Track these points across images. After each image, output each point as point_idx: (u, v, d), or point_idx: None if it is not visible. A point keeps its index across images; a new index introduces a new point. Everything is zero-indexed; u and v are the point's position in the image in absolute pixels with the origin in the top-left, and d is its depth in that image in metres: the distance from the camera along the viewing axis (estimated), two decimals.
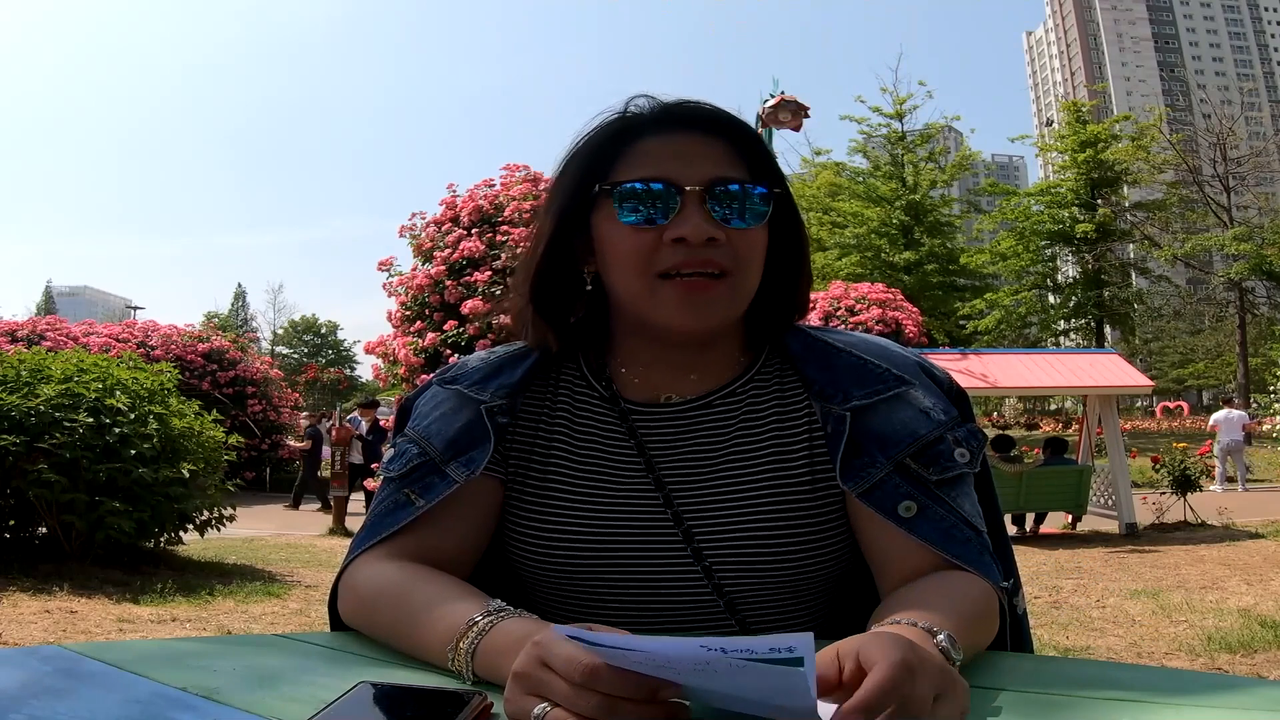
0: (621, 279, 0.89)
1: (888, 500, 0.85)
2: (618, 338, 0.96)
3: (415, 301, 9.10)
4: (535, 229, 0.96)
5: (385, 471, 0.93)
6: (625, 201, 0.87)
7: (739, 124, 0.92)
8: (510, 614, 0.73)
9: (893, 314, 14.99)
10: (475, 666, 0.70)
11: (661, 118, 0.91)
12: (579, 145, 0.93)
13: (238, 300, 68.38)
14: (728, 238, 0.86)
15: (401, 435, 0.96)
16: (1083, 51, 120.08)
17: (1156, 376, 35.42)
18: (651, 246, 0.86)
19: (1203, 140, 33.36)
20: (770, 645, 0.51)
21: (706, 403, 0.94)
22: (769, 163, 0.92)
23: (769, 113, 9.96)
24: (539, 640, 0.60)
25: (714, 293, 0.86)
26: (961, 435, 0.90)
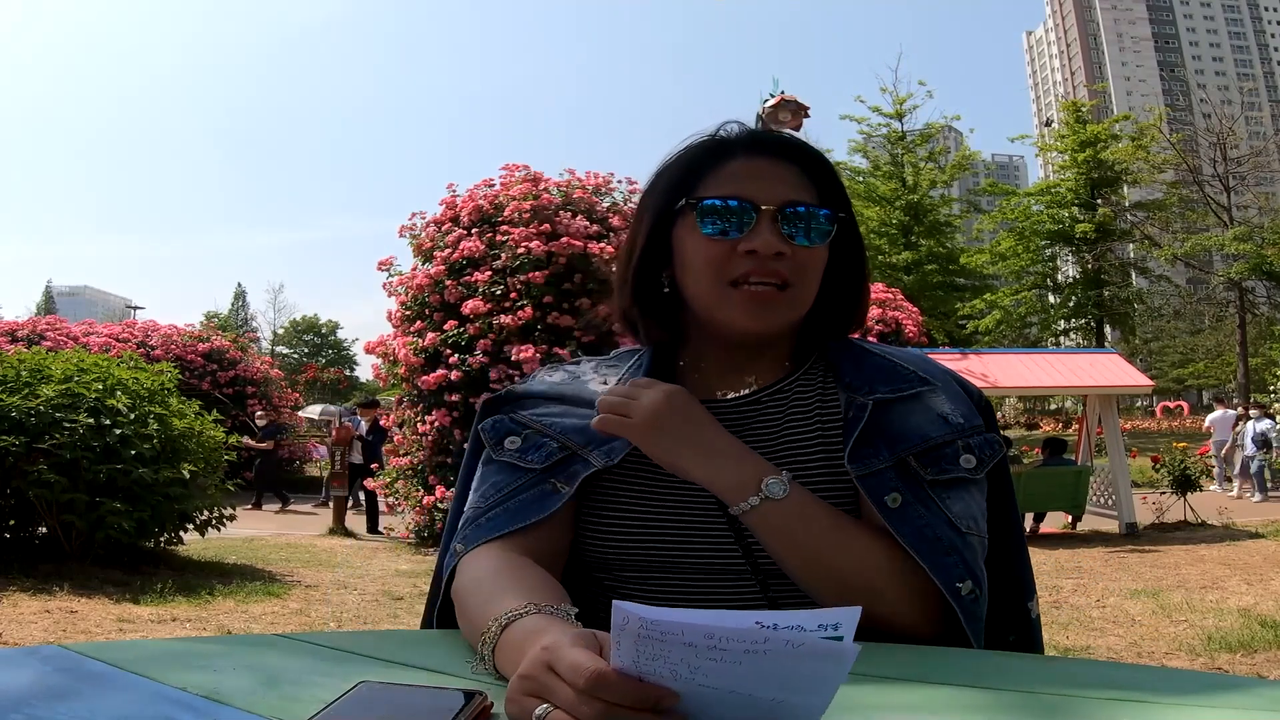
0: (697, 284, 0.98)
1: (880, 489, 0.91)
2: (689, 337, 1.05)
3: (415, 301, 9.10)
4: (630, 236, 1.06)
5: (521, 461, 0.98)
6: (707, 215, 0.97)
7: (814, 153, 1.03)
8: (534, 611, 0.75)
9: (893, 314, 14.99)
10: (495, 661, 0.73)
11: (747, 142, 1.02)
12: (671, 160, 1.04)
13: (238, 300, 68.39)
14: (793, 253, 0.96)
15: (524, 426, 1.01)
16: (1083, 51, 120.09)
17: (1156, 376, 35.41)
18: (726, 256, 0.96)
19: (1203, 140, 33.34)
20: (819, 620, 0.54)
21: (756, 400, 1.02)
22: (838, 189, 1.02)
23: (769, 112, 9.95)
24: (548, 645, 0.62)
25: (777, 301, 0.96)
26: (976, 443, 0.96)
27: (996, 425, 1.03)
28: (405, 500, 9.21)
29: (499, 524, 0.94)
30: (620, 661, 0.57)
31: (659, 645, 0.55)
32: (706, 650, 0.54)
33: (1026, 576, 1.02)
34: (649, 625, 0.55)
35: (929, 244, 27.89)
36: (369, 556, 8.48)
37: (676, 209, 1.00)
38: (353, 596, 6.24)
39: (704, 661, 0.54)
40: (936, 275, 27.57)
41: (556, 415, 1.02)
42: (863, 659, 0.54)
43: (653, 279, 1.02)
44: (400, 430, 9.67)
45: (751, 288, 0.95)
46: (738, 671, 0.54)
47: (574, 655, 0.59)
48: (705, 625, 0.54)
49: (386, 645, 0.84)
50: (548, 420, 1.01)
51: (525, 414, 1.03)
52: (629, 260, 1.04)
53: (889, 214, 27.56)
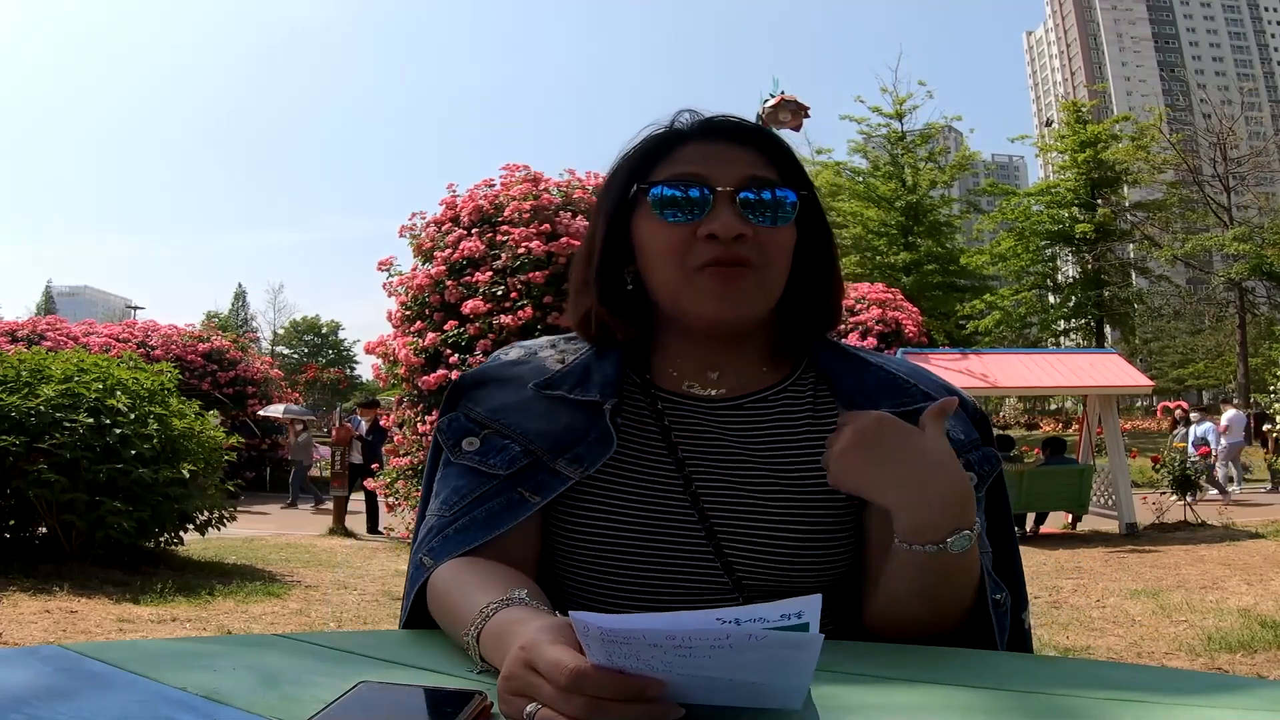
0: (658, 272, 0.94)
1: None
2: (657, 333, 1.01)
3: (415, 301, 9.10)
4: (589, 233, 1.02)
5: (483, 465, 0.93)
6: (663, 199, 0.93)
7: (771, 135, 0.99)
8: (515, 602, 0.75)
9: (893, 314, 14.98)
10: (481, 653, 0.73)
11: (700, 129, 0.97)
12: (625, 154, 0.99)
13: (238, 300, 68.38)
14: (755, 234, 0.91)
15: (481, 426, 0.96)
16: (1083, 51, 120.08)
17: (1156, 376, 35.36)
18: (686, 241, 0.91)
19: (1203, 140, 33.32)
20: (780, 611, 0.54)
21: (738, 404, 0.97)
22: (798, 170, 0.97)
23: (769, 112, 9.97)
24: (525, 643, 0.62)
25: (743, 282, 0.91)
26: (975, 459, 0.94)
27: (993, 437, 1.01)
28: (405, 500, 9.21)
29: (469, 537, 0.90)
30: (596, 659, 0.57)
31: (626, 647, 0.55)
32: (673, 648, 0.54)
33: (1020, 587, 1.01)
34: (609, 633, 0.55)
35: (929, 244, 27.89)
36: (369, 556, 8.48)
37: (631, 197, 0.96)
38: (353, 596, 6.24)
39: (674, 657, 0.55)
40: (936, 275, 27.57)
41: (518, 412, 0.96)
42: (863, 659, 0.54)
43: (615, 277, 0.98)
44: (400, 430, 9.67)
45: (716, 269, 0.91)
46: (710, 663, 0.55)
47: (553, 653, 0.58)
48: (664, 628, 0.54)
49: (386, 645, 0.84)
50: (507, 420, 0.96)
51: (481, 411, 0.97)
52: (590, 259, 0.99)
53: (889, 214, 27.55)
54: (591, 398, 0.95)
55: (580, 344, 1.03)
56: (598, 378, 0.97)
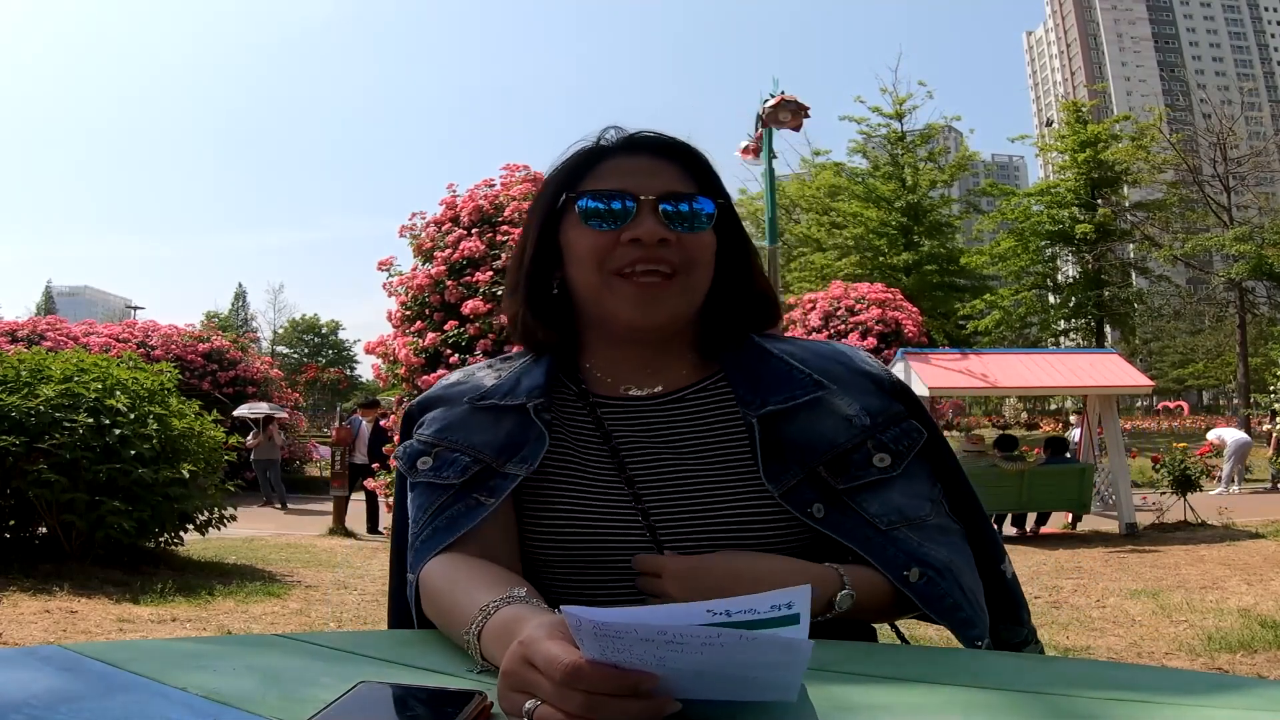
0: (582, 277, 0.99)
1: (800, 502, 0.93)
2: (585, 338, 1.06)
3: (415, 301, 9.09)
4: (520, 242, 1.08)
5: (438, 479, 0.99)
6: (589, 208, 0.98)
7: (691, 149, 1.04)
8: (515, 600, 0.78)
9: (893, 314, 14.99)
10: (481, 651, 0.75)
11: (624, 144, 1.03)
12: (554, 168, 1.06)
13: (238, 300, 68.41)
14: (678, 240, 0.96)
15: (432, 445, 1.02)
16: (1083, 51, 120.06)
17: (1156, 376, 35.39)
18: (609, 247, 0.97)
19: (1203, 140, 33.29)
20: (771, 602, 0.55)
21: (664, 401, 1.02)
22: (716, 182, 1.03)
23: (769, 112, 9.95)
24: (524, 639, 0.63)
25: (666, 291, 0.97)
26: (889, 438, 0.97)
27: (920, 406, 1.03)
28: None
29: (435, 542, 0.95)
30: (590, 653, 0.58)
31: (618, 641, 0.56)
32: (664, 644, 0.55)
33: (991, 539, 1.04)
34: (601, 626, 0.56)
35: (929, 244, 27.90)
36: (369, 556, 8.47)
37: (559, 206, 1.01)
38: (353, 596, 6.24)
39: (666, 652, 0.55)
40: (936, 276, 27.58)
41: (460, 429, 1.02)
42: (863, 659, 0.54)
43: (545, 283, 1.04)
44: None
45: (639, 278, 0.95)
46: (701, 659, 0.55)
47: (549, 649, 0.60)
48: (656, 623, 0.55)
49: (386, 645, 0.84)
50: (453, 436, 1.01)
51: (430, 433, 1.03)
52: (519, 265, 1.06)
53: (889, 214, 27.55)
54: (519, 401, 1.01)
55: (516, 361, 1.09)
56: (526, 383, 1.03)
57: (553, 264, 1.03)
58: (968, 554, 0.98)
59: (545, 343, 1.06)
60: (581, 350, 1.07)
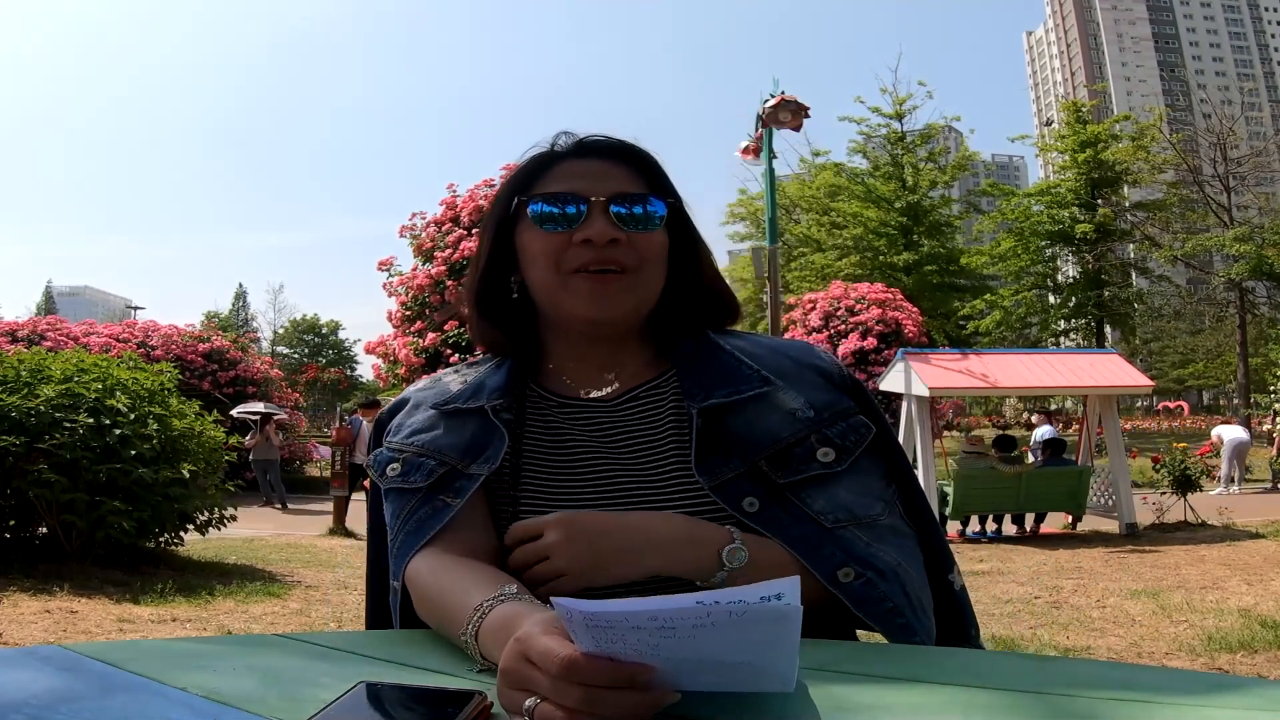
0: (537, 277, 1.01)
1: (735, 496, 0.92)
2: (545, 340, 1.08)
3: (416, 301, 9.11)
4: (477, 246, 1.09)
5: (405, 484, 1.00)
6: (542, 211, 1.00)
7: (641, 151, 1.05)
8: (509, 598, 0.78)
9: (893, 314, 15.00)
10: (480, 650, 0.75)
11: (575, 148, 1.05)
12: (509, 174, 1.07)
13: (238, 300, 68.48)
14: (629, 239, 0.98)
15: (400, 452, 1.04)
16: (1083, 51, 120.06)
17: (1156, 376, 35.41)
18: (562, 247, 0.98)
19: (1203, 140, 33.30)
20: (760, 593, 0.55)
21: (618, 401, 1.04)
22: (665, 182, 1.05)
23: (769, 112, 9.95)
24: (520, 635, 0.64)
25: (617, 285, 0.98)
26: (835, 432, 0.96)
27: (871, 403, 1.03)
28: None
29: (408, 545, 0.96)
30: (584, 646, 0.58)
31: (610, 631, 0.56)
32: (656, 630, 0.55)
33: (941, 548, 1.02)
34: (591, 616, 0.56)
35: (929, 244, 27.89)
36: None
37: (513, 211, 1.03)
38: (353, 596, 6.23)
39: (659, 640, 0.56)
40: (936, 276, 27.58)
41: (426, 433, 1.03)
42: (863, 659, 0.54)
43: (502, 286, 1.05)
44: None
45: (591, 274, 0.97)
46: (694, 645, 0.56)
47: (544, 644, 0.60)
48: (646, 609, 0.55)
49: (386, 645, 0.84)
50: (420, 441, 1.03)
51: (398, 440, 1.05)
52: (475, 269, 1.08)
53: (889, 214, 27.55)
54: (479, 404, 1.03)
55: (481, 365, 1.11)
56: (488, 386, 1.05)
57: (509, 267, 1.05)
58: (919, 559, 0.97)
59: (499, 345, 1.08)
60: (543, 352, 1.08)
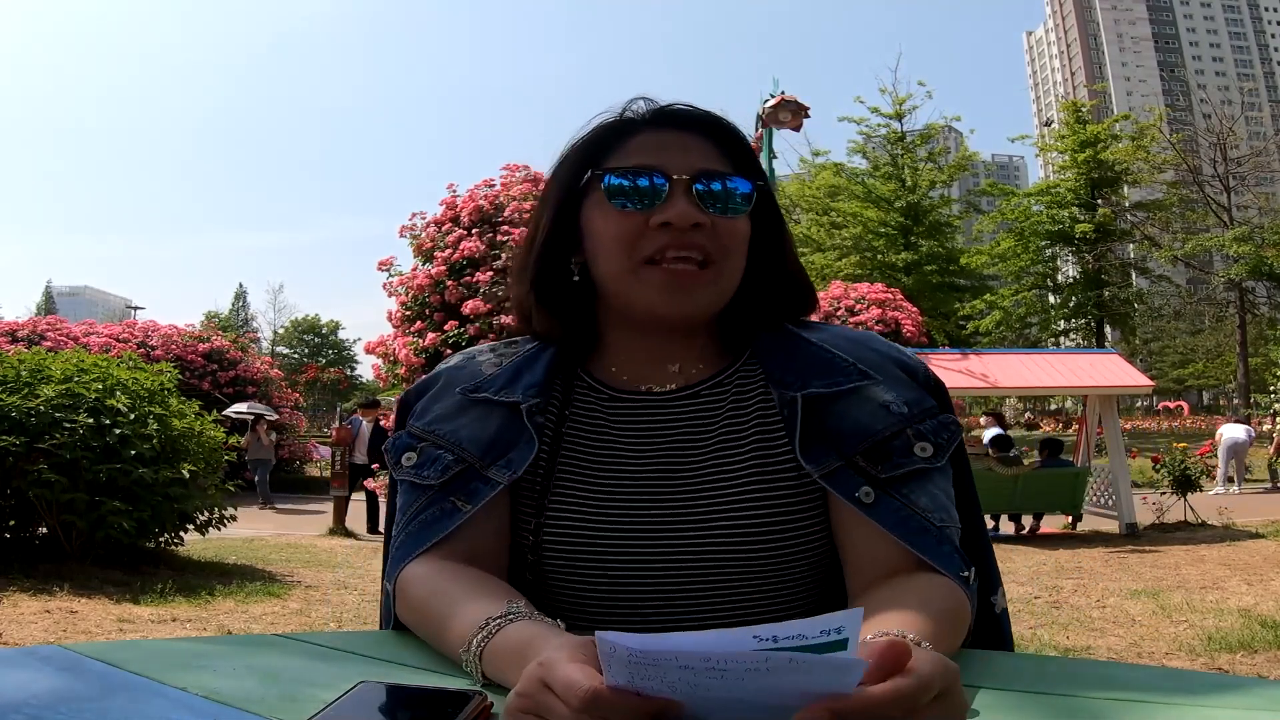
0: (607, 264, 0.91)
1: (849, 486, 0.85)
2: (604, 329, 0.98)
3: (416, 301, 9.10)
4: (533, 221, 0.99)
5: (418, 478, 0.93)
6: (615, 187, 0.90)
7: (726, 124, 0.96)
8: (520, 616, 0.74)
9: (892, 314, 15.01)
10: (483, 669, 0.71)
11: (653, 117, 0.95)
12: (576, 141, 0.97)
13: (238, 300, 68.52)
14: (712, 225, 0.89)
15: (419, 440, 0.95)
16: (1083, 51, 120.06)
17: (1156, 376, 35.39)
18: (638, 231, 0.89)
19: (1203, 140, 33.36)
20: (820, 627, 0.51)
21: (693, 392, 0.95)
22: (752, 160, 0.96)
23: (769, 112, 9.96)
24: (544, 660, 0.59)
25: (699, 281, 0.89)
26: (928, 429, 0.89)
27: (951, 405, 0.96)
28: None
29: (409, 547, 0.90)
30: (615, 680, 0.54)
31: (653, 669, 0.53)
32: (705, 670, 0.52)
33: (990, 568, 0.96)
34: (638, 654, 0.52)
35: (929, 244, 27.89)
36: (369, 556, 8.47)
37: (582, 185, 0.93)
38: (353, 596, 6.24)
39: (706, 679, 0.52)
40: (936, 276, 27.57)
41: (449, 421, 0.94)
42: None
43: (559, 267, 0.95)
44: None
45: (669, 265, 0.88)
46: (741, 686, 0.52)
47: (568, 672, 0.56)
48: (701, 650, 0.51)
49: (386, 645, 0.84)
50: (443, 430, 0.94)
51: (420, 425, 0.96)
52: (530, 246, 0.97)
53: (888, 214, 27.55)
54: (513, 399, 0.93)
55: (520, 347, 1.01)
56: (525, 379, 0.95)
57: (569, 247, 0.95)
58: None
59: (555, 337, 0.98)
60: (599, 341, 0.98)
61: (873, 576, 0.85)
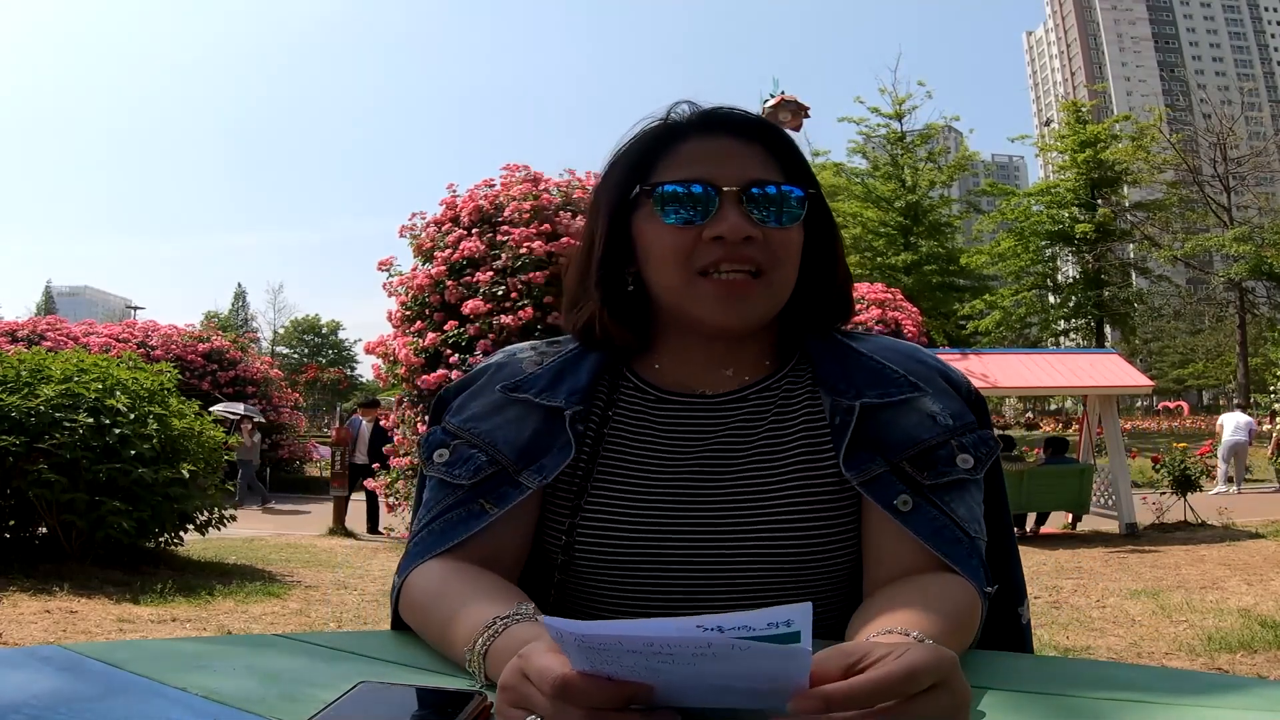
0: (662, 276, 0.92)
1: (888, 493, 0.87)
2: (658, 334, 0.99)
3: (415, 301, 9.09)
4: (587, 233, 0.99)
5: (449, 476, 0.93)
6: (666, 201, 0.90)
7: (775, 129, 0.96)
8: (525, 617, 0.74)
9: (893, 314, 14.98)
10: (487, 670, 0.71)
11: (701, 123, 0.95)
12: (622, 149, 0.97)
13: (238, 300, 68.45)
14: (764, 237, 0.89)
15: (453, 437, 0.95)
16: (1083, 51, 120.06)
17: (1156, 376, 35.43)
18: (691, 244, 0.89)
19: (1203, 140, 33.36)
20: (768, 619, 0.51)
21: (741, 396, 0.96)
22: (803, 166, 0.95)
23: (769, 112, 9.97)
24: (523, 652, 0.60)
25: (752, 291, 0.90)
26: (969, 441, 0.91)
27: (990, 421, 0.98)
28: (405, 500, 9.21)
29: (429, 545, 0.90)
30: (579, 666, 0.55)
31: (605, 654, 0.54)
32: (652, 654, 0.53)
33: (1018, 580, 0.98)
34: (584, 639, 0.54)
35: (928, 244, 27.88)
36: (369, 556, 8.47)
37: (632, 198, 0.93)
38: (353, 596, 6.24)
39: (656, 664, 0.53)
40: (936, 276, 27.57)
41: (486, 420, 0.95)
42: None
43: (615, 277, 0.96)
44: (400, 430, 9.67)
45: (723, 278, 0.89)
46: (694, 670, 0.53)
47: (543, 661, 0.57)
48: (642, 635, 0.52)
49: (386, 645, 0.84)
50: (479, 429, 0.94)
51: (456, 421, 0.96)
52: (589, 260, 0.97)
53: (888, 214, 27.54)
54: (555, 403, 0.93)
55: (563, 346, 1.01)
56: (569, 382, 0.95)
57: (623, 257, 0.95)
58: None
59: (624, 344, 0.98)
60: (652, 346, 0.99)
61: (891, 576, 0.86)
